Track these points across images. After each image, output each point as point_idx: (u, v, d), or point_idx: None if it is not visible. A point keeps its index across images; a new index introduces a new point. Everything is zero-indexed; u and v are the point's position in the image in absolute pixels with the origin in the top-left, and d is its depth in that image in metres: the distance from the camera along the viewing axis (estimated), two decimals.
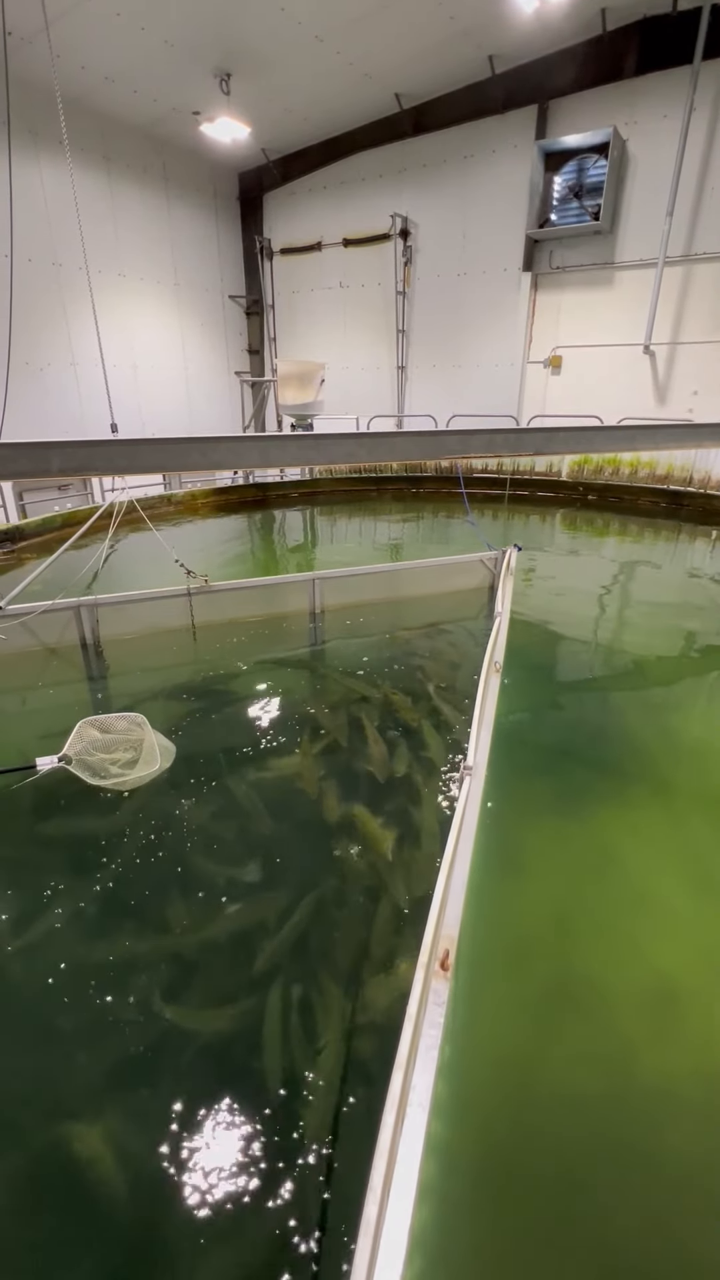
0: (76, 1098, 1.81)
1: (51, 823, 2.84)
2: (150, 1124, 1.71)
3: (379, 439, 4.91)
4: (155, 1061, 1.88)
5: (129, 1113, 1.76)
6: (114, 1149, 1.64)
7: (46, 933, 2.27)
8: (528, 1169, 1.73)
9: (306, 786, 3.08)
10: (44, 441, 3.66)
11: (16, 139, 8.81)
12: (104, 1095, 1.81)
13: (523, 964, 2.34)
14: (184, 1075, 1.84)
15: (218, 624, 4.30)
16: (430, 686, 4.04)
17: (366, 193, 12.04)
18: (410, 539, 8.39)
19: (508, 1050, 2.02)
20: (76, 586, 4.91)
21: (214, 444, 4.08)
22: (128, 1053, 1.90)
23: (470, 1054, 1.95)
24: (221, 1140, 1.67)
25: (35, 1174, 1.65)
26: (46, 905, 2.39)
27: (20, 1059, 1.92)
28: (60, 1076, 1.87)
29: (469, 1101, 1.80)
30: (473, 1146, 1.73)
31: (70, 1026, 1.99)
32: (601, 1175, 1.71)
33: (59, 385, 10.79)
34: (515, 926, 2.44)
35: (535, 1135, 1.82)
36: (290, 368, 8.55)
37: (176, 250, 12.42)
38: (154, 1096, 1.78)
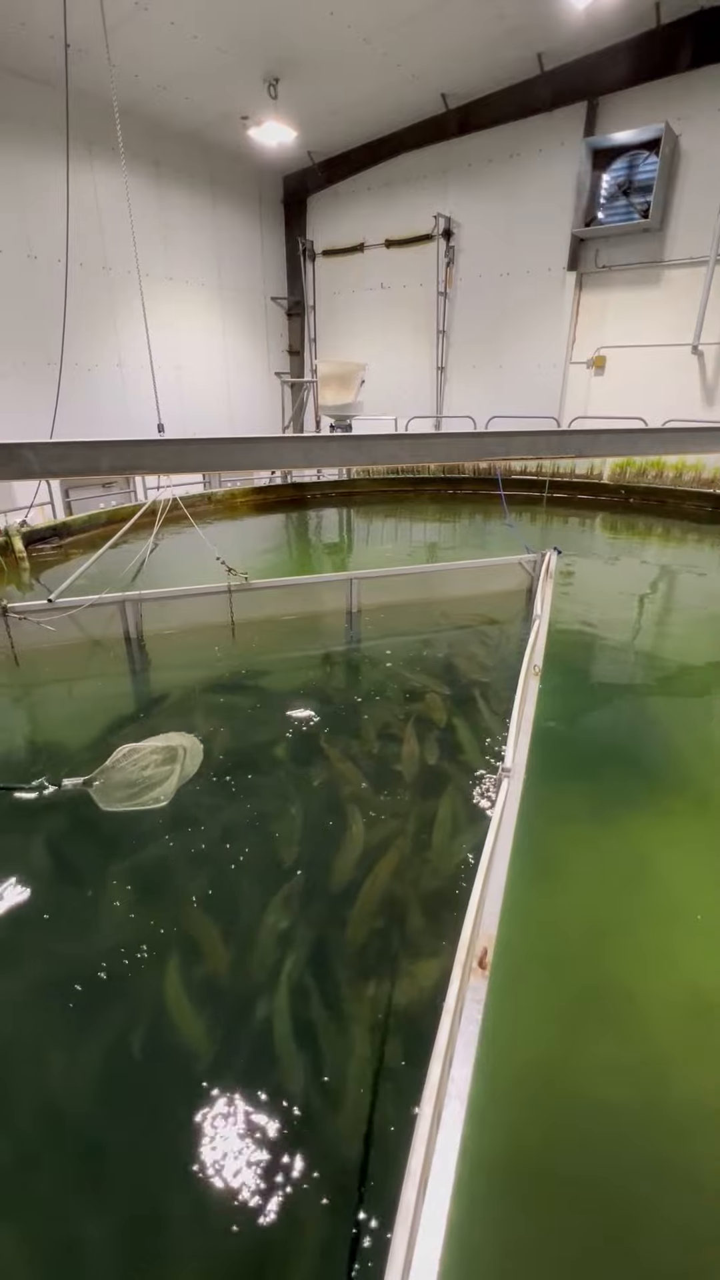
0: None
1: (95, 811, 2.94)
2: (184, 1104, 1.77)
3: (420, 440, 4.92)
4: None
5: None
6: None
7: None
8: (555, 1174, 1.73)
9: (339, 782, 3.12)
10: (95, 441, 3.78)
11: (73, 148, 9.08)
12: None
13: (554, 969, 2.33)
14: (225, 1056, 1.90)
15: (256, 621, 4.37)
16: (465, 688, 4.03)
17: (410, 194, 12.04)
18: (447, 541, 8.36)
19: (537, 1054, 2.01)
20: (120, 582, 5.05)
21: (258, 444, 4.15)
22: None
23: (499, 1056, 1.96)
24: (253, 1128, 1.72)
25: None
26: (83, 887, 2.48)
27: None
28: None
29: (497, 1103, 1.80)
30: (500, 1148, 1.73)
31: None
32: (631, 1185, 1.70)
33: (105, 386, 11.08)
34: (547, 931, 2.43)
35: (563, 1140, 1.81)
36: (331, 368, 8.62)
37: (221, 253, 12.63)
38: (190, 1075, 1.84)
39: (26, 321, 9.78)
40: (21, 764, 3.39)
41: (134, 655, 4.30)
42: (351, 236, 13.05)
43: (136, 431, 9.73)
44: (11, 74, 8.88)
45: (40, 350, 9.90)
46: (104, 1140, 1.73)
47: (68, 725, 3.71)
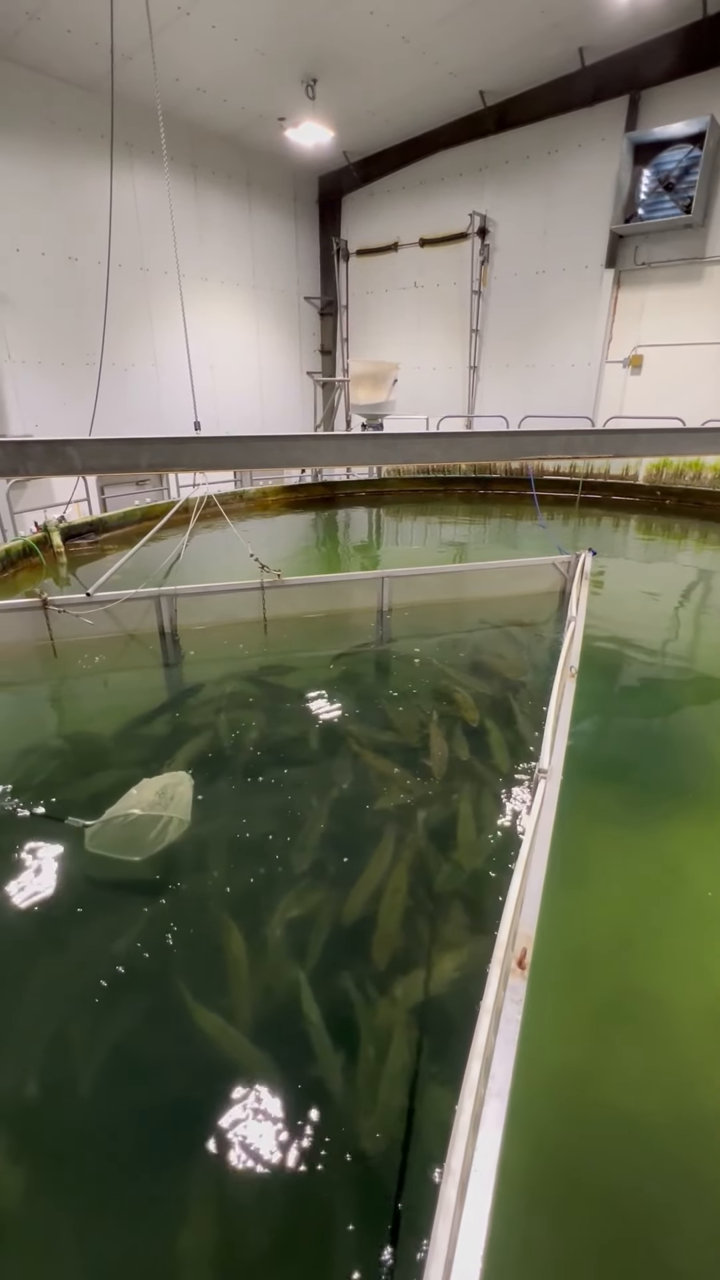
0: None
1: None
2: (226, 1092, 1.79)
3: (455, 439, 4.90)
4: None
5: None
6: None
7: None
8: (582, 1183, 1.70)
9: (368, 779, 3.12)
10: (135, 438, 3.86)
11: (115, 151, 9.27)
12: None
13: (583, 975, 2.30)
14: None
15: (288, 618, 4.40)
16: (496, 688, 4.00)
17: (445, 192, 11.98)
18: (477, 540, 8.31)
19: (565, 1060, 1.99)
20: (154, 578, 5.13)
21: (293, 442, 4.18)
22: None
23: (526, 1061, 1.94)
24: (286, 1121, 1.73)
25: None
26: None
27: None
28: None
29: (523, 1109, 1.79)
30: (527, 1155, 1.71)
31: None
32: (660, 1197, 1.67)
33: (141, 384, 11.27)
34: (576, 936, 2.40)
35: (591, 1149, 1.79)
36: (364, 368, 8.63)
37: (256, 254, 12.74)
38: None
39: (67, 322, 10.00)
40: (55, 753, 3.48)
41: (168, 649, 4.36)
42: (385, 236, 13.04)
43: (171, 430, 9.88)
44: (58, 80, 9.09)
45: (80, 350, 10.11)
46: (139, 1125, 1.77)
47: (101, 716, 3.79)
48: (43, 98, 9.07)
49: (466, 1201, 0.95)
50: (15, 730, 3.69)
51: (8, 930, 2.32)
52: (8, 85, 8.69)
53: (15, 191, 9.09)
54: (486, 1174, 0.98)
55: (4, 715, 3.89)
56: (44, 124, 9.20)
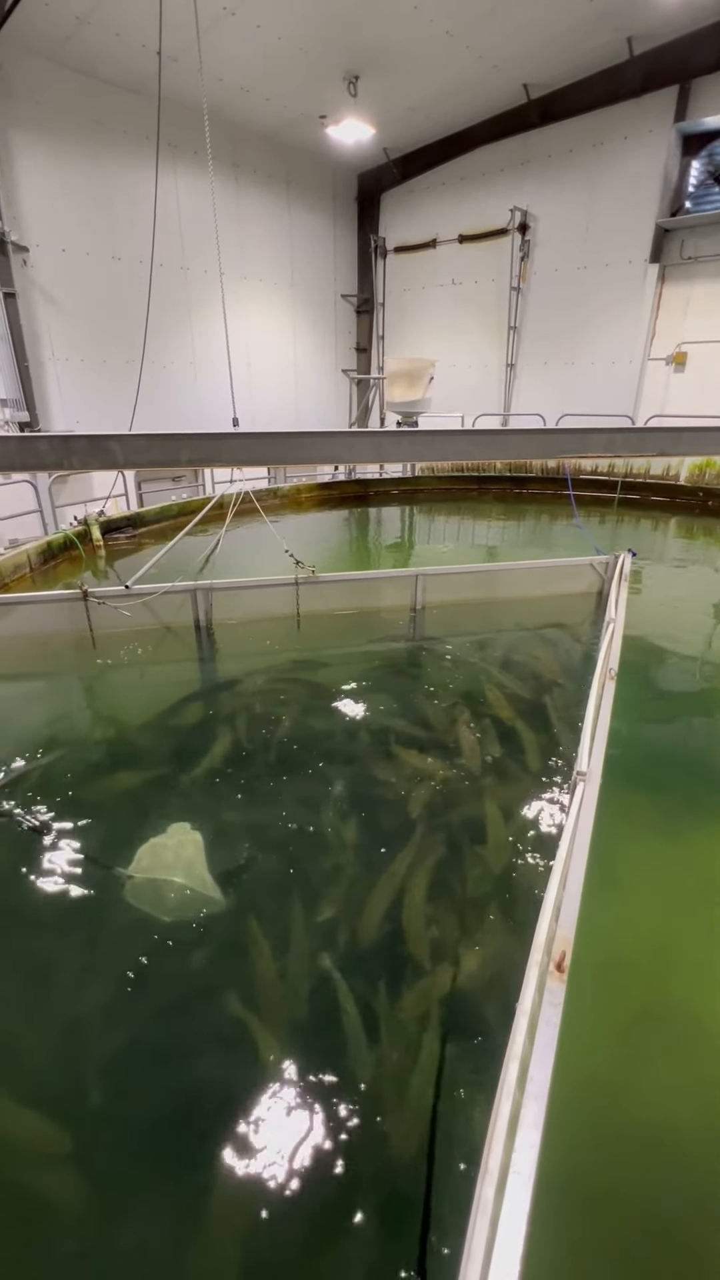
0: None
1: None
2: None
3: (492, 436, 4.85)
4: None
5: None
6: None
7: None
8: (611, 1194, 1.67)
9: (398, 774, 3.12)
10: (175, 433, 3.93)
11: (159, 152, 9.41)
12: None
13: (616, 983, 2.26)
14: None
15: (321, 614, 4.42)
16: (530, 689, 3.96)
17: (486, 187, 11.86)
18: (511, 540, 8.21)
19: (596, 1069, 1.95)
20: (189, 572, 5.20)
21: (330, 438, 4.19)
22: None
23: (557, 1065, 1.92)
24: (313, 1118, 1.74)
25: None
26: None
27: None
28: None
29: (553, 1113, 1.77)
30: (555, 1163, 1.69)
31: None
32: (692, 1212, 1.63)
33: (179, 383, 11.44)
34: (609, 943, 2.35)
35: (620, 1159, 1.76)
36: (400, 365, 8.60)
37: (295, 252, 12.80)
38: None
39: (109, 321, 10.20)
40: (91, 743, 3.56)
41: (202, 643, 4.42)
42: (424, 233, 12.97)
43: (208, 427, 9.98)
44: (105, 83, 9.27)
45: (120, 348, 10.31)
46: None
47: (138, 707, 3.86)
48: (90, 100, 9.27)
49: (505, 1201, 0.95)
50: (56, 718, 3.79)
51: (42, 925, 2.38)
52: (57, 89, 8.90)
53: (63, 192, 9.32)
54: (526, 1175, 0.97)
55: (46, 702, 3.99)
56: (91, 126, 9.40)
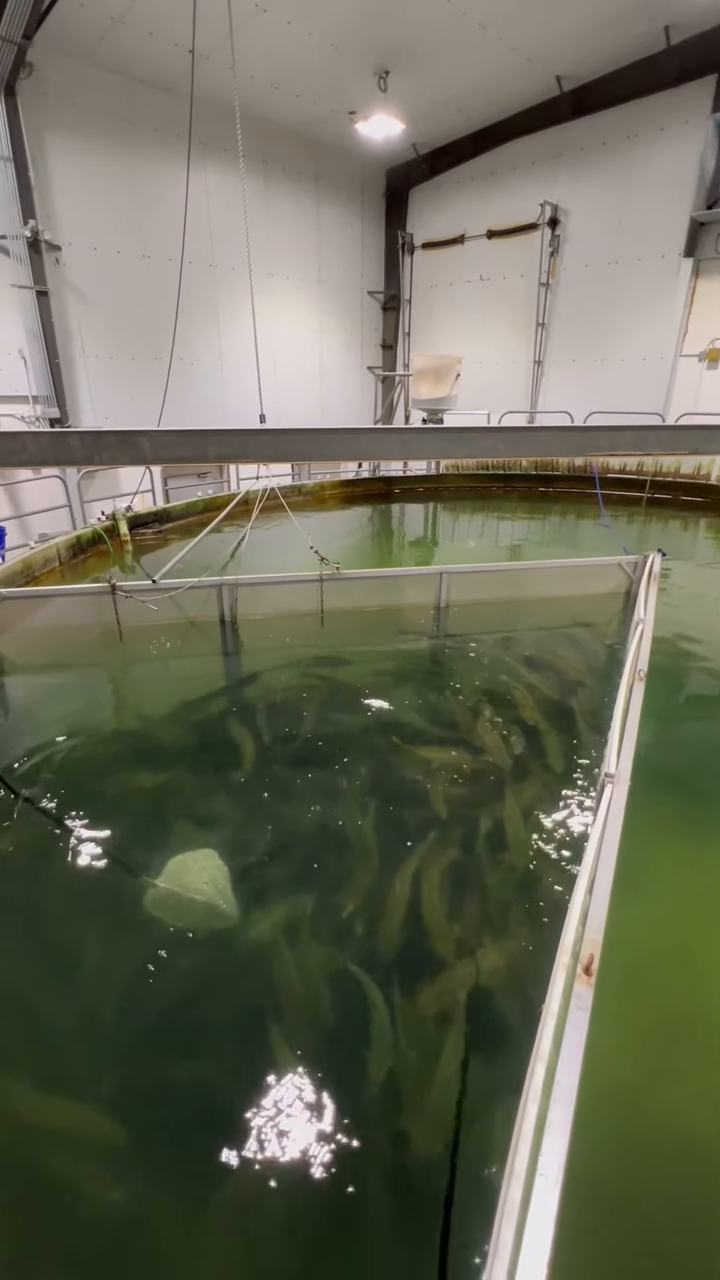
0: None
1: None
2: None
3: (521, 434, 4.79)
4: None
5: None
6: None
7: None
8: (630, 1202, 1.65)
9: (421, 771, 3.11)
10: (204, 429, 3.96)
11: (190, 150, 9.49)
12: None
13: (639, 990, 2.22)
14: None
15: (345, 611, 4.42)
16: (555, 689, 3.92)
17: (516, 182, 11.73)
18: (536, 539, 8.13)
19: (617, 1075, 1.93)
20: (215, 568, 5.25)
21: (357, 435, 4.18)
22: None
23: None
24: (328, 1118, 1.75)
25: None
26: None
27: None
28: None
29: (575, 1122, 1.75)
30: (575, 1169, 1.67)
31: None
32: (713, 1226, 1.60)
33: (205, 379, 11.53)
34: (633, 949, 2.32)
35: (642, 1171, 1.73)
36: (426, 362, 8.55)
37: (322, 249, 12.81)
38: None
39: (138, 318, 10.33)
40: (115, 735, 3.61)
41: (227, 637, 4.46)
42: (452, 228, 12.88)
43: (234, 423, 10.05)
44: (138, 82, 9.37)
45: (148, 345, 10.43)
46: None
47: (163, 701, 3.91)
48: (123, 100, 9.38)
49: (532, 1204, 0.94)
50: (83, 709, 3.85)
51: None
52: (91, 89, 9.02)
53: (95, 192, 9.44)
54: (553, 1179, 0.96)
55: (74, 694, 4.06)
56: (123, 125, 9.51)
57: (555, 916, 2.36)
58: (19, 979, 2.17)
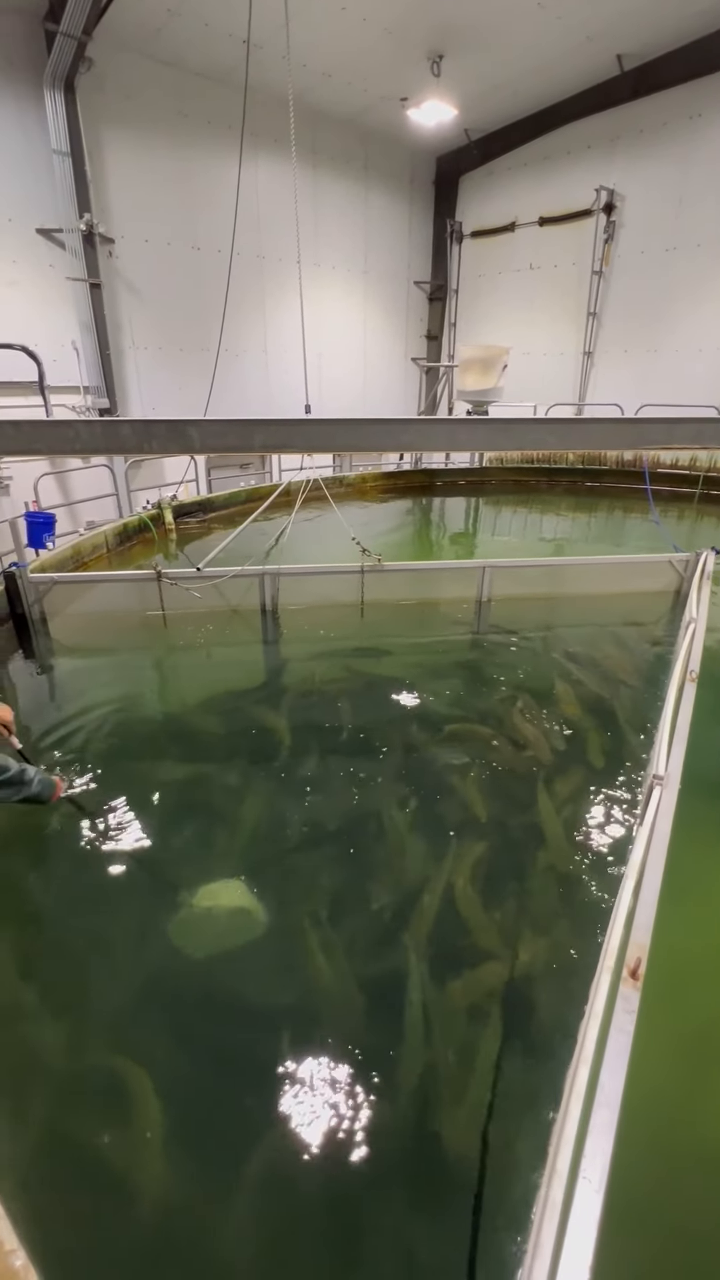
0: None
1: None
2: None
3: (572, 425, 4.66)
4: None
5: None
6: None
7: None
8: (664, 1210, 1.61)
9: (458, 765, 3.08)
10: (251, 419, 3.98)
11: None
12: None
13: (682, 996, 2.17)
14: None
15: (385, 602, 4.41)
16: (599, 688, 3.83)
17: (570, 167, 11.41)
18: (580, 535, 7.94)
19: (658, 1083, 1.88)
20: (256, 557, 5.28)
21: (403, 426, 4.13)
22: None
23: None
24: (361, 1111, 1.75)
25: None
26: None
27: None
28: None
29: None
30: (618, 1175, 1.64)
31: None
32: None
33: (251, 370, 11.59)
34: (677, 955, 2.26)
35: (677, 1177, 1.69)
36: (473, 352, 8.41)
37: (370, 239, 12.72)
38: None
39: (186, 310, 10.45)
40: (155, 719, 3.68)
41: (267, 626, 4.50)
42: (503, 216, 12.62)
43: (278, 414, 10.04)
44: (192, 74, 9.43)
45: (196, 336, 10.54)
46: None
47: (205, 687, 3.97)
48: (177, 92, 9.46)
49: (574, 1205, 0.92)
50: (126, 693, 3.95)
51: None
52: (146, 82, 9.12)
53: (148, 185, 9.57)
54: (596, 1182, 0.95)
55: (118, 677, 4.16)
56: (176, 118, 9.59)
57: (592, 915, 2.32)
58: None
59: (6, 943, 2.27)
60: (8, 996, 2.06)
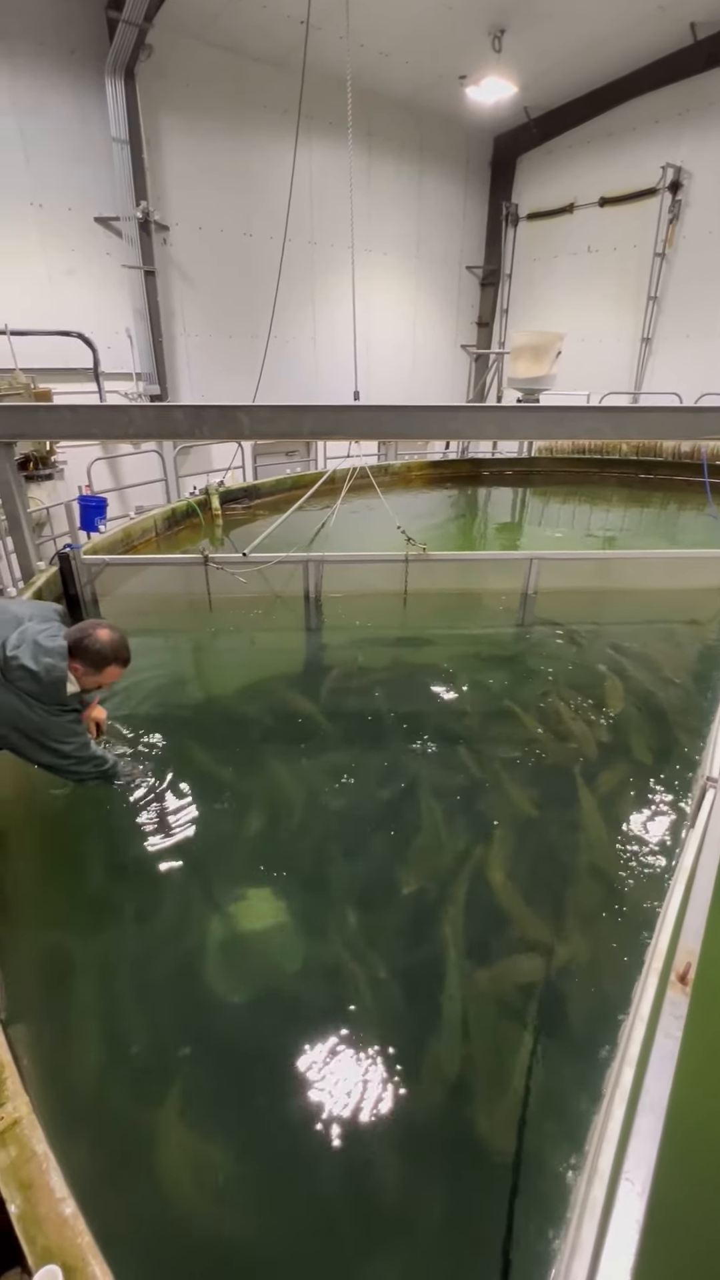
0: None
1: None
2: None
3: (628, 414, 4.52)
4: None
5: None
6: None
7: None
8: (714, 1224, 1.56)
9: (500, 759, 3.05)
10: (300, 405, 3.99)
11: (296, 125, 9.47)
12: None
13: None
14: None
15: (429, 593, 4.37)
16: (647, 684, 3.72)
17: (635, 143, 10.94)
18: (632, 528, 7.69)
19: (703, 1091, 1.82)
20: (300, 544, 5.30)
21: (453, 413, 4.09)
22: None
23: None
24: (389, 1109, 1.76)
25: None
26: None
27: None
28: None
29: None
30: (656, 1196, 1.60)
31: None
32: None
33: (298, 357, 11.59)
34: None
35: (713, 1194, 1.63)
36: (526, 338, 8.20)
37: (422, 223, 12.51)
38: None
39: (236, 297, 10.50)
40: (197, 702, 3.75)
41: (310, 613, 4.52)
42: (561, 197, 12.23)
43: (325, 402, 10.05)
44: (249, 59, 9.41)
45: (245, 323, 10.59)
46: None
47: (244, 670, 4.03)
48: (233, 77, 9.46)
49: (615, 1208, 0.91)
50: (172, 675, 4.03)
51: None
52: (204, 68, 9.15)
53: (203, 172, 9.63)
54: (640, 1186, 0.93)
55: (164, 658, 4.26)
56: (232, 104, 9.60)
57: (633, 914, 2.26)
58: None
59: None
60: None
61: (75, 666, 2.24)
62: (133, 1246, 1.38)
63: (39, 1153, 1.17)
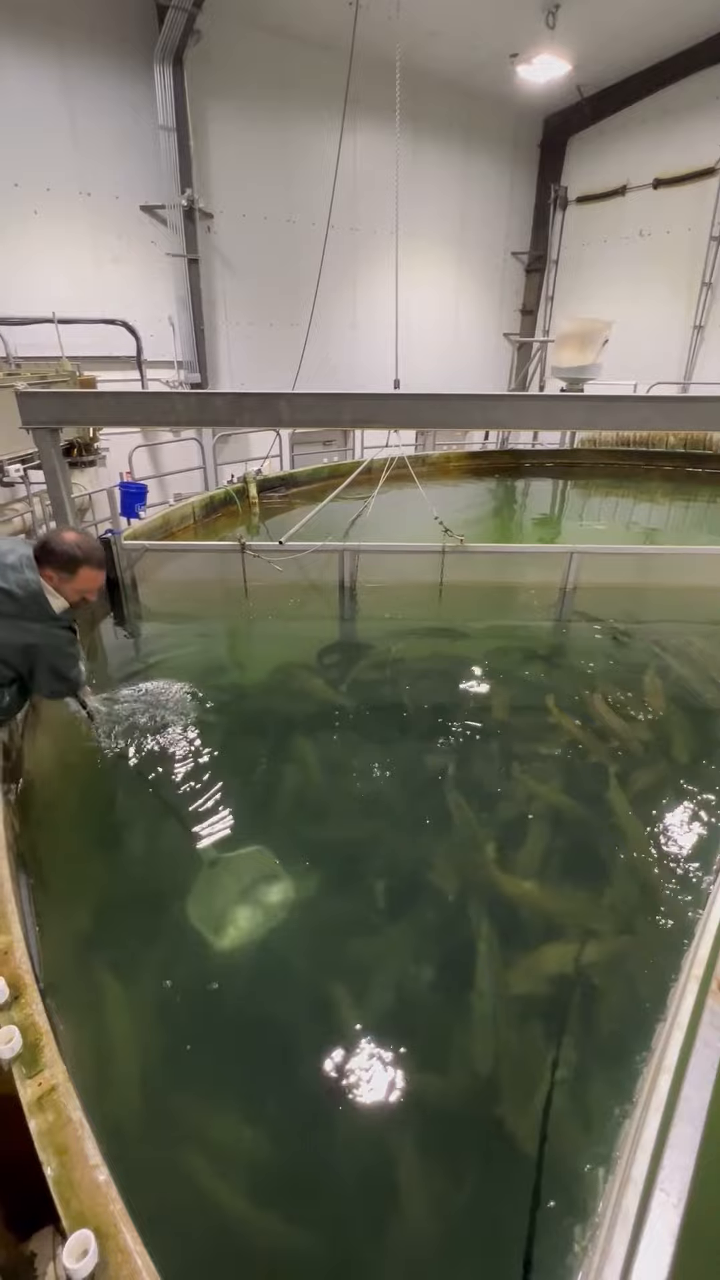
0: None
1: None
2: None
3: (679, 404, 4.35)
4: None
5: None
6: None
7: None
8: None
9: (532, 754, 3.00)
10: (339, 393, 3.95)
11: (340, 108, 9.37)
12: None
13: None
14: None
15: (466, 584, 4.31)
16: (691, 684, 3.61)
17: (693, 121, 10.49)
18: (675, 524, 7.46)
19: None
20: (336, 533, 5.29)
21: (495, 402, 4.00)
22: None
23: None
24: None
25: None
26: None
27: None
28: None
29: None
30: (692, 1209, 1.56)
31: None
32: None
33: (338, 345, 11.52)
34: None
35: None
36: (572, 326, 7.95)
37: (467, 208, 12.26)
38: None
39: (278, 284, 10.49)
40: (230, 686, 3.79)
41: (345, 603, 4.51)
42: (613, 178, 11.83)
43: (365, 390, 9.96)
44: (296, 41, 9.32)
45: (285, 311, 10.57)
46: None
47: (278, 657, 4.05)
48: (279, 62, 9.38)
49: (649, 1219, 0.88)
50: (208, 659, 4.09)
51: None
52: (250, 52, 9.10)
53: (248, 158, 9.61)
54: (676, 1197, 0.90)
55: (201, 644, 4.32)
56: (278, 89, 9.53)
57: (671, 919, 2.21)
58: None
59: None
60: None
61: (48, 574, 2.21)
62: (160, 1221, 1.41)
63: (74, 1119, 1.20)
